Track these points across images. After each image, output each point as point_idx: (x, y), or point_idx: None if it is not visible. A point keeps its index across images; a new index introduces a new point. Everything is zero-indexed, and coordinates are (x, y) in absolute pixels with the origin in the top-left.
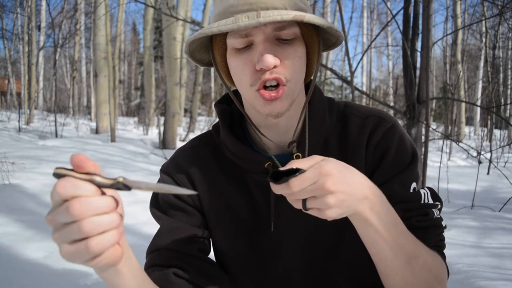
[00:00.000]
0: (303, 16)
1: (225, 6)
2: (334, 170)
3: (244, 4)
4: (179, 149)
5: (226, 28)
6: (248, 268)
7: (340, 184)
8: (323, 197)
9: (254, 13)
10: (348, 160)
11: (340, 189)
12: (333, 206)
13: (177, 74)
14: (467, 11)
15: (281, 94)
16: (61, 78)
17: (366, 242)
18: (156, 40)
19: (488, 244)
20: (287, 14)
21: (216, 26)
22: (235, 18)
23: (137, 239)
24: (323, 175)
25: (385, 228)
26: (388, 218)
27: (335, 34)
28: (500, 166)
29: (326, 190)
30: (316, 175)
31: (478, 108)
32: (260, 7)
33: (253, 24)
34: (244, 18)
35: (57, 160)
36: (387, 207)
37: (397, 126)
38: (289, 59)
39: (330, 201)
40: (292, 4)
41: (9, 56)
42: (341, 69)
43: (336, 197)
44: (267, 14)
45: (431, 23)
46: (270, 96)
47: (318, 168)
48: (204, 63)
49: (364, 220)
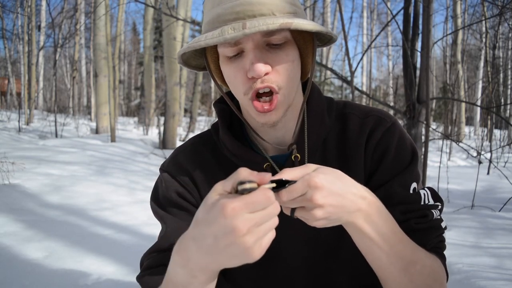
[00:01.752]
0: (290, 23)
1: (213, 16)
2: (325, 182)
3: (231, 13)
4: (179, 148)
5: (212, 41)
6: (248, 268)
7: (330, 197)
8: (311, 209)
9: (240, 24)
10: (347, 159)
11: (329, 203)
12: (320, 219)
13: (177, 74)
14: (467, 11)
15: (275, 106)
16: (61, 78)
17: (362, 250)
18: (156, 40)
19: (488, 244)
20: (273, 23)
21: (204, 39)
22: (221, 30)
23: (137, 239)
24: (312, 187)
25: (382, 237)
26: (385, 228)
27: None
28: (500, 166)
29: (314, 203)
30: (305, 187)
31: (478, 108)
32: (248, 15)
33: (239, 36)
34: (230, 30)
35: (57, 160)
36: (384, 216)
37: (397, 125)
38: (281, 64)
39: (317, 214)
40: (280, 8)
41: (9, 56)
42: (341, 69)
43: (324, 210)
44: (253, 24)
45: (431, 23)
46: (263, 109)
47: (308, 180)
48: (200, 68)
49: (358, 230)
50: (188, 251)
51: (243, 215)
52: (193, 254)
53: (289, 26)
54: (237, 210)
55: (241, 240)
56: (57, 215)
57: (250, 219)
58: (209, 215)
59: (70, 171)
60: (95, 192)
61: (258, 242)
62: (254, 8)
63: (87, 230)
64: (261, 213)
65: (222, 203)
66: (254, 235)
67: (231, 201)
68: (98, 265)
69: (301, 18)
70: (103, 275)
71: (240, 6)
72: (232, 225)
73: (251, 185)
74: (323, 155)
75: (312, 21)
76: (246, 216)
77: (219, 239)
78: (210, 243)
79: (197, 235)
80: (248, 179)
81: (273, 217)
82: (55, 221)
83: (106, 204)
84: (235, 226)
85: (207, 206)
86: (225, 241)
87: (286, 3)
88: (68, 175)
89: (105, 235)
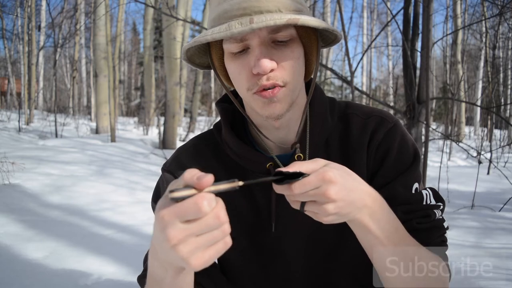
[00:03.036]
0: (297, 19)
1: (220, 12)
2: (339, 178)
3: (238, 9)
4: (180, 147)
5: (219, 35)
6: (249, 268)
7: (343, 192)
8: (323, 204)
9: (247, 18)
10: (350, 160)
11: (342, 198)
12: (331, 214)
13: (177, 74)
14: (467, 11)
15: (277, 92)
16: (61, 78)
17: (365, 247)
18: (156, 40)
19: (488, 244)
20: (280, 19)
21: (210, 34)
22: (228, 25)
23: (137, 239)
24: (326, 181)
25: (385, 234)
26: (389, 225)
27: (333, 32)
28: (500, 166)
29: (328, 197)
30: (319, 181)
31: (478, 108)
32: (254, 11)
33: (247, 30)
34: (237, 24)
35: (57, 160)
36: (388, 214)
37: (399, 126)
38: (286, 61)
39: (329, 209)
40: (287, 6)
41: (9, 56)
42: (341, 69)
43: (336, 205)
44: (260, 19)
45: (431, 23)
46: (268, 94)
47: (322, 174)
48: (204, 66)
49: (363, 227)
50: (154, 246)
51: (174, 223)
52: (158, 249)
53: (296, 22)
54: (166, 219)
55: (175, 249)
56: (57, 215)
57: (182, 228)
58: (155, 219)
59: (70, 171)
60: (95, 192)
61: (196, 253)
62: (261, 5)
63: (87, 230)
64: (197, 223)
65: (157, 209)
66: (188, 245)
67: (162, 209)
68: (98, 265)
69: (306, 16)
70: (103, 275)
71: (247, 2)
72: (164, 233)
73: (181, 193)
74: (325, 155)
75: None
76: (178, 225)
77: (161, 242)
78: (159, 244)
79: (154, 233)
80: (188, 184)
81: (214, 228)
82: (55, 221)
83: (106, 204)
84: (166, 234)
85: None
86: (165, 246)
87: (292, 1)
88: (68, 175)
89: (105, 235)
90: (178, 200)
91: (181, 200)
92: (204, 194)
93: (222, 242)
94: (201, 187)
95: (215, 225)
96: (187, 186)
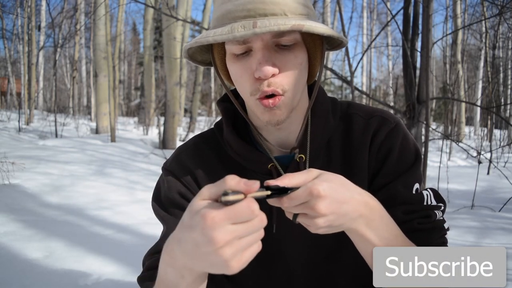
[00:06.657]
0: (302, 26)
1: (223, 12)
2: (328, 191)
3: (242, 10)
4: (181, 146)
5: (221, 38)
6: (250, 269)
7: (333, 205)
8: (313, 218)
9: (250, 22)
10: (351, 160)
11: (332, 211)
12: (321, 227)
13: (177, 74)
14: (467, 11)
15: (277, 102)
16: (61, 78)
17: (364, 255)
18: (156, 40)
19: (488, 244)
20: (285, 24)
21: (212, 35)
22: (231, 27)
23: (137, 239)
24: (314, 196)
25: (383, 242)
26: (387, 232)
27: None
28: (500, 166)
29: (317, 212)
30: (307, 195)
31: (478, 108)
32: (259, 13)
33: (249, 35)
34: (240, 28)
35: (57, 160)
36: (386, 221)
37: (401, 126)
38: (289, 66)
39: (319, 222)
40: (293, 9)
41: (9, 56)
42: (341, 69)
43: (326, 219)
44: (264, 24)
45: (431, 23)
46: (268, 103)
47: (310, 188)
48: (206, 63)
49: (360, 236)
50: (174, 252)
51: (223, 226)
52: (178, 256)
53: (301, 28)
54: (216, 221)
55: (219, 251)
56: (57, 215)
57: (231, 231)
58: (192, 221)
59: (70, 171)
60: (95, 192)
61: (237, 256)
62: (266, 7)
63: (87, 230)
64: (244, 225)
65: (203, 212)
66: (233, 248)
67: (212, 211)
68: (98, 265)
69: (312, 21)
70: (103, 275)
71: (252, 4)
72: (210, 235)
73: (234, 197)
74: (327, 156)
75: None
76: (227, 228)
77: (199, 246)
78: (191, 249)
79: (181, 238)
80: (234, 189)
81: (257, 230)
82: (55, 221)
83: (106, 204)
84: (213, 237)
85: (192, 212)
86: (204, 250)
87: (299, 4)
88: (68, 175)
89: (105, 235)
90: (228, 204)
91: (230, 204)
92: (252, 199)
93: (257, 245)
94: (249, 192)
95: (259, 227)
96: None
